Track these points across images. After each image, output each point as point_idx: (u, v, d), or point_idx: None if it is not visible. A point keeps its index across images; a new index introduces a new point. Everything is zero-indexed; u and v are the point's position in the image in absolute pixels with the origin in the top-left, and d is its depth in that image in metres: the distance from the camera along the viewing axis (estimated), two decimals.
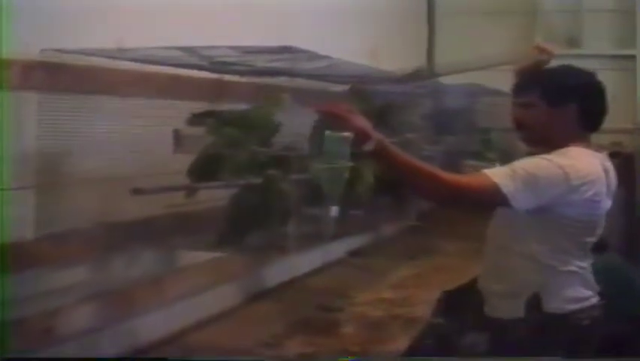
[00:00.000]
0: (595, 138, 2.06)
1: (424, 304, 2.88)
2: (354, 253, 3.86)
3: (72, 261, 2.05)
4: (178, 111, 2.32)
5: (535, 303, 1.95)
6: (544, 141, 2.02)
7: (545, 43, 2.41)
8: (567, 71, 2.06)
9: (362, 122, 1.76)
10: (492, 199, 1.85)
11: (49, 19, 1.94)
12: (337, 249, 3.70)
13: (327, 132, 2.18)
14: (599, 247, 2.09)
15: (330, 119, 1.80)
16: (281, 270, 3.16)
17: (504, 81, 2.32)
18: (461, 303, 2.82)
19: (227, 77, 2.59)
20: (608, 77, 2.23)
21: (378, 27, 4.38)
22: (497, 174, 1.84)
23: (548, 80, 2.06)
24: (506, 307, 2.04)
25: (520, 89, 2.12)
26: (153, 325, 2.34)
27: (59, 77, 1.96)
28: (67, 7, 1.99)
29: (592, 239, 2.02)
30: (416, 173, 1.78)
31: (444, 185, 1.78)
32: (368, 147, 1.77)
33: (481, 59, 3.30)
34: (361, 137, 1.78)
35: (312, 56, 2.30)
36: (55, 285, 1.99)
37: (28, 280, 1.88)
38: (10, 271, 1.78)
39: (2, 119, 1.79)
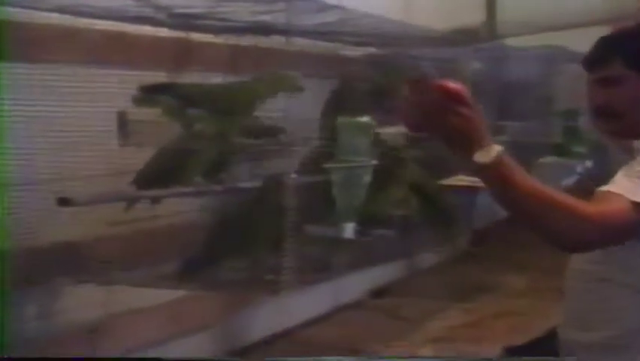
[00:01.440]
0: None
1: None
2: (378, 292, 3.85)
3: None
4: (123, 84, 2.33)
5: None
6: None
7: None
8: None
9: (483, 119, 1.71)
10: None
11: None
12: (354, 286, 3.68)
13: (341, 119, 2.17)
14: None
15: (442, 106, 1.72)
16: (272, 315, 3.15)
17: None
18: None
19: (193, 36, 2.59)
20: None
21: None
22: (631, 190, 1.84)
23: (632, 40, 2.08)
24: None
25: (594, 59, 2.12)
26: None
27: None
28: None
29: None
30: (548, 206, 1.74)
31: (587, 222, 1.76)
32: (482, 157, 1.68)
33: (563, 14, 3.30)
34: (477, 141, 1.71)
35: (317, 6, 2.30)
36: None
37: None
38: None
39: None
